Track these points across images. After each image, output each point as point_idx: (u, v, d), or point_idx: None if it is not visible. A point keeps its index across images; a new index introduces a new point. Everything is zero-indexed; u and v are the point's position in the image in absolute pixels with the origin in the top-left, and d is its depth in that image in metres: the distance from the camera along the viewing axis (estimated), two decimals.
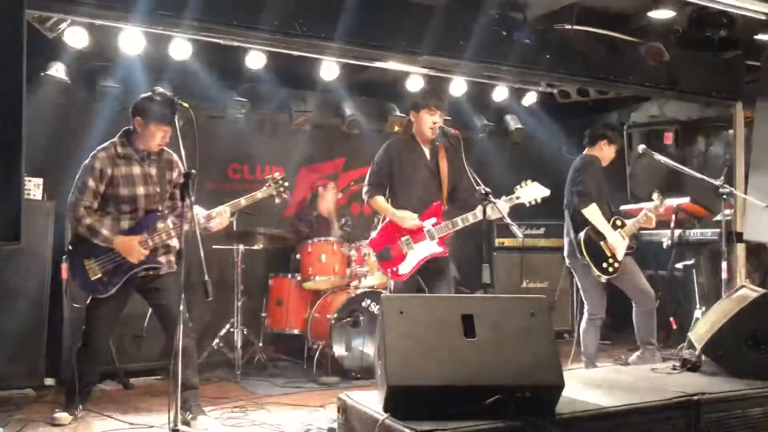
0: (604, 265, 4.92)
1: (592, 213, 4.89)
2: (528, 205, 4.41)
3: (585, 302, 5.09)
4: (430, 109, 4.42)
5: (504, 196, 4.36)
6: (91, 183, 4.02)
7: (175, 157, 4.23)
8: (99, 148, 4.12)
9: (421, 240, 4.39)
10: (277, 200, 4.35)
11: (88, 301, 4.12)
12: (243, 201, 4.21)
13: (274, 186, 4.31)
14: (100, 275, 4.01)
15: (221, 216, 4.14)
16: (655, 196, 5.15)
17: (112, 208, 4.08)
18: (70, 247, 4.15)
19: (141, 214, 4.10)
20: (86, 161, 4.09)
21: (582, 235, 4.95)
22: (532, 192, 4.38)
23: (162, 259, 4.13)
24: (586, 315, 5.05)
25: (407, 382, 2.70)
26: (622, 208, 6.33)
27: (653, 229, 6.50)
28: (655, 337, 5.06)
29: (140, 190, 4.09)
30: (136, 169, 4.10)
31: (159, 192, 4.14)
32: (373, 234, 4.63)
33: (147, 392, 4.98)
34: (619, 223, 5.04)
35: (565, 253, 5.16)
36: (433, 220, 4.42)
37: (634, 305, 5.06)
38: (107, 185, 4.05)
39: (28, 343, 4.85)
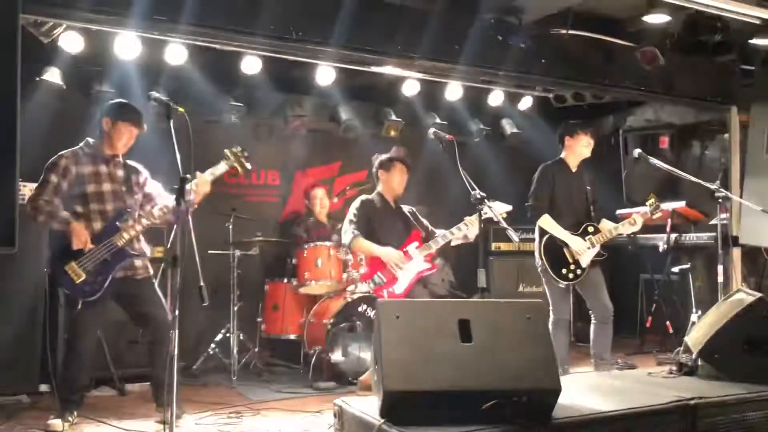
0: (564, 271, 4.90)
1: (546, 224, 4.91)
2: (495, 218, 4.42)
3: (550, 305, 5.06)
4: (400, 168, 5.22)
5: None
6: (53, 178, 4.04)
7: (141, 167, 4.34)
8: (64, 151, 4.18)
9: (409, 260, 4.94)
10: (240, 170, 4.26)
11: (78, 307, 4.07)
12: (208, 176, 4.12)
13: (233, 158, 4.19)
14: (84, 277, 3.98)
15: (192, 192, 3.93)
16: (649, 202, 5.11)
17: (82, 208, 4.08)
18: (48, 256, 4.19)
19: (111, 214, 4.11)
20: (50, 161, 4.14)
21: (543, 239, 4.96)
22: (497, 209, 4.36)
23: (138, 262, 4.18)
24: (551, 319, 5.01)
25: (404, 387, 2.70)
26: (618, 212, 6.34)
27: (650, 232, 6.55)
28: (609, 353, 5.01)
29: (106, 187, 4.14)
30: (102, 168, 4.17)
31: (125, 190, 4.20)
32: (362, 270, 5.16)
33: (142, 398, 4.94)
34: (591, 229, 5.00)
35: (535, 255, 5.17)
36: (415, 243, 5.01)
37: (592, 317, 5.03)
38: (72, 184, 4.08)
39: (22, 349, 4.81)
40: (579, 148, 5.11)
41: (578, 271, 4.92)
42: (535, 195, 4.98)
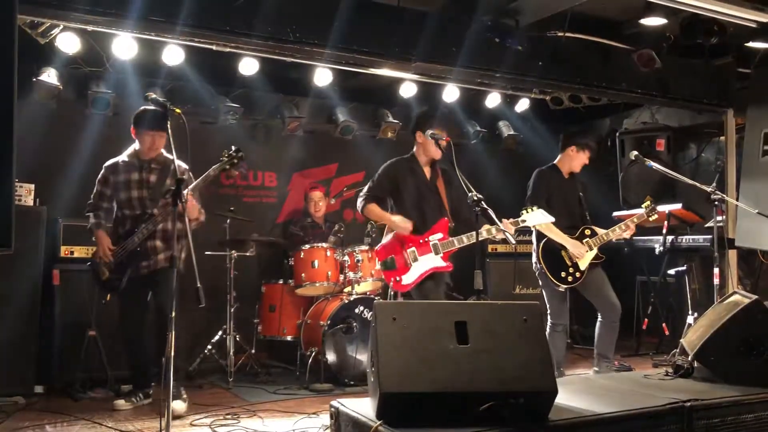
0: (563, 274, 4.92)
1: (544, 228, 4.92)
2: (533, 228, 4.67)
3: (548, 309, 5.06)
4: (438, 131, 4.44)
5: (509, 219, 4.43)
6: (98, 187, 4.70)
7: (185, 166, 4.49)
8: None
9: (426, 253, 4.45)
10: (234, 172, 4.47)
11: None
12: (201, 182, 4.37)
13: (227, 159, 4.28)
14: (107, 275, 4.56)
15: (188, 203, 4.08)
16: (645, 205, 5.11)
17: (119, 211, 4.65)
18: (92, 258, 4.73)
19: (137, 219, 4.54)
20: None
21: (541, 243, 4.98)
22: (537, 218, 4.42)
23: (161, 255, 4.55)
24: (549, 322, 5.03)
25: (400, 389, 2.70)
26: (615, 214, 6.35)
27: (646, 235, 6.56)
28: (612, 352, 5.02)
29: (135, 194, 4.58)
30: (134, 176, 4.60)
31: (149, 197, 4.55)
32: (382, 241, 4.63)
33: None
34: (588, 232, 5.01)
35: (533, 260, 5.17)
36: (440, 235, 4.49)
37: (599, 315, 5.03)
38: (112, 189, 4.64)
39: (18, 350, 4.81)
40: (577, 162, 5.13)
41: (577, 275, 4.93)
42: (533, 199, 4.96)
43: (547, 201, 4.96)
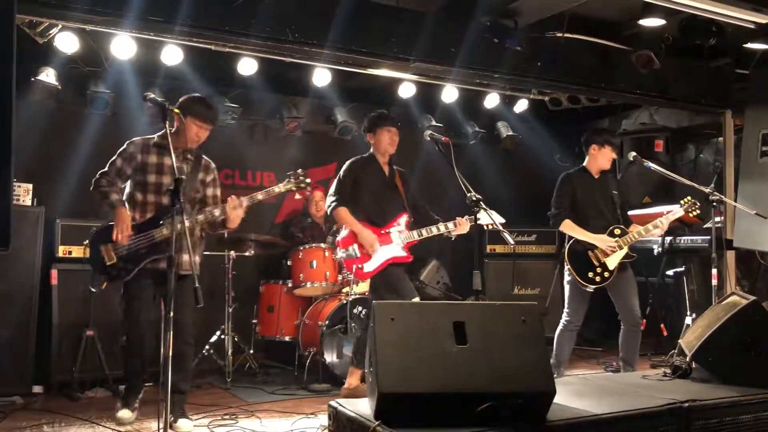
0: (590, 274, 4.90)
1: (567, 229, 4.96)
2: (486, 227, 4.61)
3: (566, 307, 5.07)
4: (388, 129, 4.81)
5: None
6: (118, 162, 4.18)
7: (213, 165, 4.39)
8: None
9: (386, 243, 4.72)
10: (297, 196, 4.41)
11: (124, 304, 4.23)
12: (260, 195, 4.27)
13: (294, 181, 4.32)
14: (114, 261, 4.07)
15: (237, 209, 4.16)
16: (685, 200, 5.02)
17: (141, 196, 4.17)
18: (93, 231, 4.25)
19: (164, 207, 4.11)
20: (123, 145, 4.25)
21: (567, 246, 4.99)
22: (486, 218, 4.35)
23: (185, 257, 4.13)
24: (563, 320, 5.02)
25: (398, 389, 2.70)
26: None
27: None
28: (636, 359, 4.99)
29: (167, 179, 4.14)
30: (167, 160, 4.15)
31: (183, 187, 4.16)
32: (342, 233, 4.83)
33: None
34: (617, 231, 4.98)
35: (564, 264, 5.15)
36: (400, 227, 4.78)
37: (621, 323, 5.01)
38: (136, 170, 4.17)
39: (16, 350, 4.81)
40: (603, 159, 5.11)
41: (605, 274, 4.90)
42: (556, 203, 5.02)
43: (572, 204, 5.00)
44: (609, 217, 5.07)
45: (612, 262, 4.91)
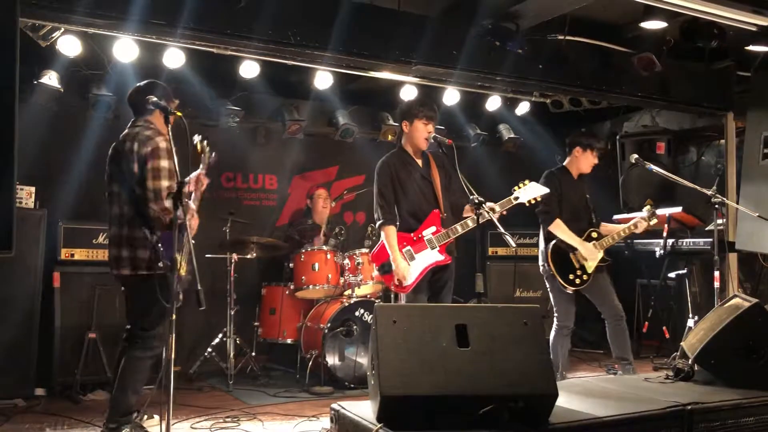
0: (571, 276, 4.91)
1: (557, 229, 4.93)
2: (528, 204, 4.46)
3: (555, 311, 5.07)
4: (425, 120, 4.40)
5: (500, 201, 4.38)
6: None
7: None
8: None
9: (422, 250, 4.35)
10: (205, 156, 3.96)
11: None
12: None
13: (199, 146, 3.88)
14: (185, 273, 3.79)
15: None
16: (645, 209, 5.10)
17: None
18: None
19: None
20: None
21: (550, 245, 4.97)
22: (531, 191, 4.39)
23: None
24: (555, 325, 5.02)
25: (400, 392, 2.70)
26: (615, 217, 6.34)
27: (646, 238, 6.55)
28: (630, 353, 5.00)
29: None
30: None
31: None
32: (375, 248, 4.53)
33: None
34: (594, 234, 5.01)
35: (539, 262, 5.16)
36: (433, 228, 4.38)
37: (605, 320, 5.03)
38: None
39: (18, 353, 4.81)
40: (584, 163, 5.12)
41: (584, 277, 4.92)
42: (546, 201, 4.89)
43: (558, 202, 4.98)
44: (584, 220, 5.08)
45: (591, 265, 4.93)
